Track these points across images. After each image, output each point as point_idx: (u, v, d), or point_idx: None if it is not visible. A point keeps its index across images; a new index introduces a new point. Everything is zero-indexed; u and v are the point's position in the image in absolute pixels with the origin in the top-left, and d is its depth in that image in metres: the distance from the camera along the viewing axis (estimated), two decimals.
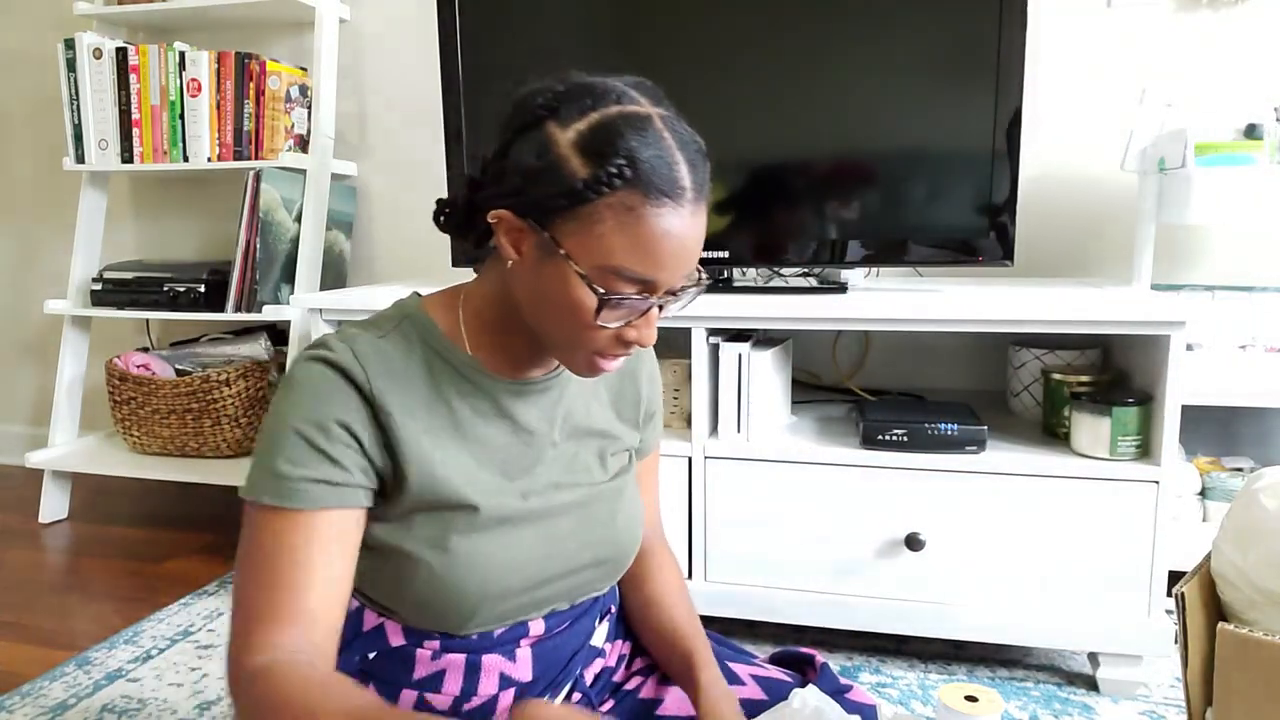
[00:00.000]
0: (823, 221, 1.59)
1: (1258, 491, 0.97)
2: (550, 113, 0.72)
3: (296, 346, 2.09)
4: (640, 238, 0.69)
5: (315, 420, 0.73)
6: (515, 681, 0.85)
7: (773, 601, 1.49)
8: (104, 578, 1.95)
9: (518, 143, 0.73)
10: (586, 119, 0.71)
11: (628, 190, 0.69)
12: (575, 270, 0.70)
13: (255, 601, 0.71)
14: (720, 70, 1.59)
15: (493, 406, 0.82)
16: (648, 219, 0.69)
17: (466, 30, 1.67)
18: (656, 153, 0.69)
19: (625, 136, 0.69)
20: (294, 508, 0.72)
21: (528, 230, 0.73)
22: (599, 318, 0.72)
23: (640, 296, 0.72)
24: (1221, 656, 0.91)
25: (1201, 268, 1.87)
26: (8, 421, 2.82)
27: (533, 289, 0.74)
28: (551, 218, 0.71)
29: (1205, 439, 1.84)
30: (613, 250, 0.69)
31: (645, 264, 0.70)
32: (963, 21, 1.49)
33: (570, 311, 0.72)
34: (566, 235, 0.71)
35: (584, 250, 0.70)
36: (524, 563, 0.82)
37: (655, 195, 0.69)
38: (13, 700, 1.44)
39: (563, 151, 0.70)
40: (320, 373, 0.75)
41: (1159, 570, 1.35)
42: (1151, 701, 1.39)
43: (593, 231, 0.69)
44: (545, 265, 0.72)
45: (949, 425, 1.41)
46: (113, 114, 2.18)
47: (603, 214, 0.69)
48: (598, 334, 0.74)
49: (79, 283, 2.30)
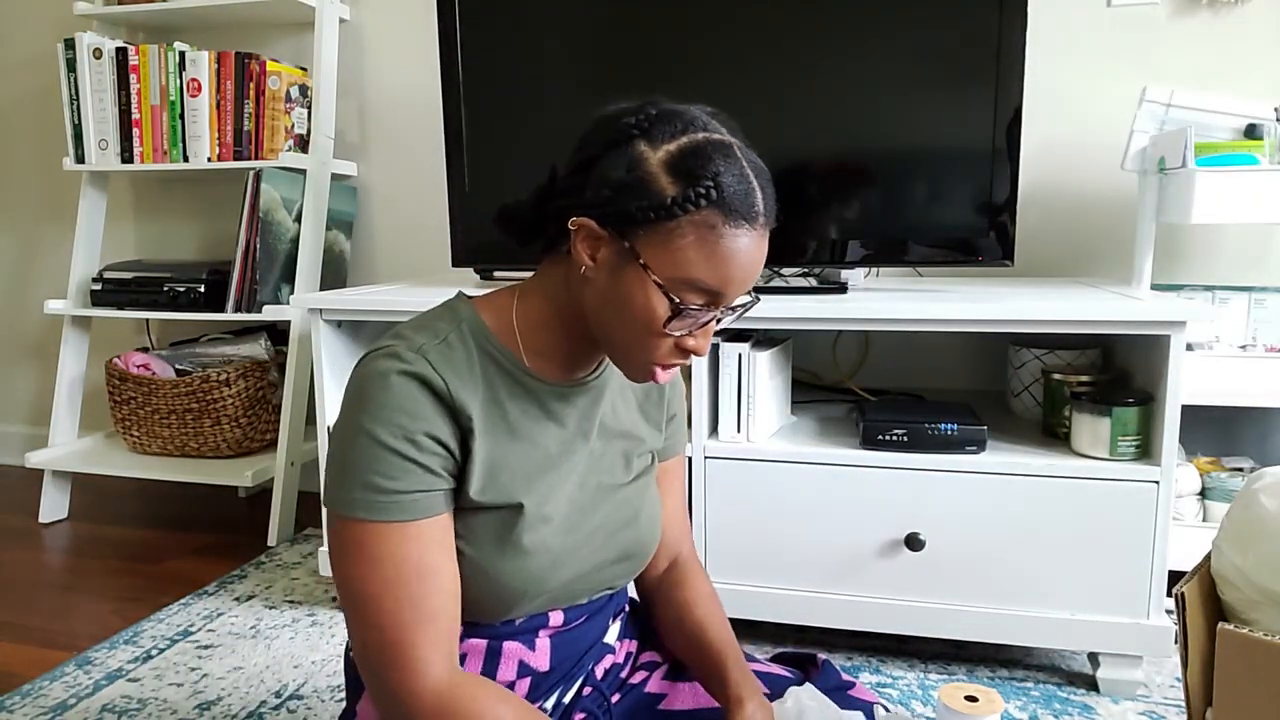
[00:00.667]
0: (823, 221, 1.59)
1: (1258, 491, 0.97)
2: (642, 133, 0.76)
3: (296, 346, 2.09)
4: (717, 254, 0.74)
5: (405, 434, 0.75)
6: (533, 670, 0.87)
7: (773, 601, 1.49)
8: (104, 578, 1.95)
9: (606, 158, 0.77)
10: (677, 141, 0.76)
11: (711, 210, 0.74)
12: (653, 279, 0.75)
13: (399, 622, 0.74)
14: (720, 70, 1.59)
15: (540, 409, 0.85)
16: (726, 238, 0.74)
17: (466, 30, 1.67)
18: (738, 178, 0.75)
19: (713, 160, 0.74)
20: (403, 520, 0.75)
21: (607, 239, 0.77)
22: (668, 326, 0.76)
23: (706, 309, 0.77)
24: (1221, 656, 0.90)
25: (1201, 268, 1.87)
26: (8, 421, 2.82)
27: (604, 295, 0.78)
28: (635, 229, 0.75)
29: (1205, 439, 1.84)
30: (691, 264, 0.74)
31: (717, 279, 0.75)
32: (963, 21, 1.49)
33: (641, 318, 0.76)
34: (646, 246, 0.75)
35: (662, 262, 0.75)
36: (562, 560, 0.84)
37: (735, 217, 0.74)
38: (13, 700, 1.44)
39: (653, 169, 0.75)
40: (401, 384, 0.76)
41: (1159, 570, 1.35)
42: (1151, 701, 1.39)
43: (672, 244, 0.74)
44: (621, 273, 0.77)
45: (949, 425, 1.41)
46: (113, 114, 2.18)
47: (685, 230, 0.74)
48: (662, 342, 0.78)
49: (79, 283, 2.30)
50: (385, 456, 0.75)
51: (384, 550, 0.75)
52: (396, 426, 0.75)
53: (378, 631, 0.75)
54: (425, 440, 0.76)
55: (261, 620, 1.71)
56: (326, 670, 1.52)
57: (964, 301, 1.40)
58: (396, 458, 0.75)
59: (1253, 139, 1.49)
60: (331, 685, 1.47)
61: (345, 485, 0.76)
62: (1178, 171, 1.45)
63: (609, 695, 0.95)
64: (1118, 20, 1.85)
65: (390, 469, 0.75)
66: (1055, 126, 1.89)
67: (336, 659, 1.56)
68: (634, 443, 0.94)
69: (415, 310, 1.56)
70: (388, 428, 0.75)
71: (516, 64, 1.69)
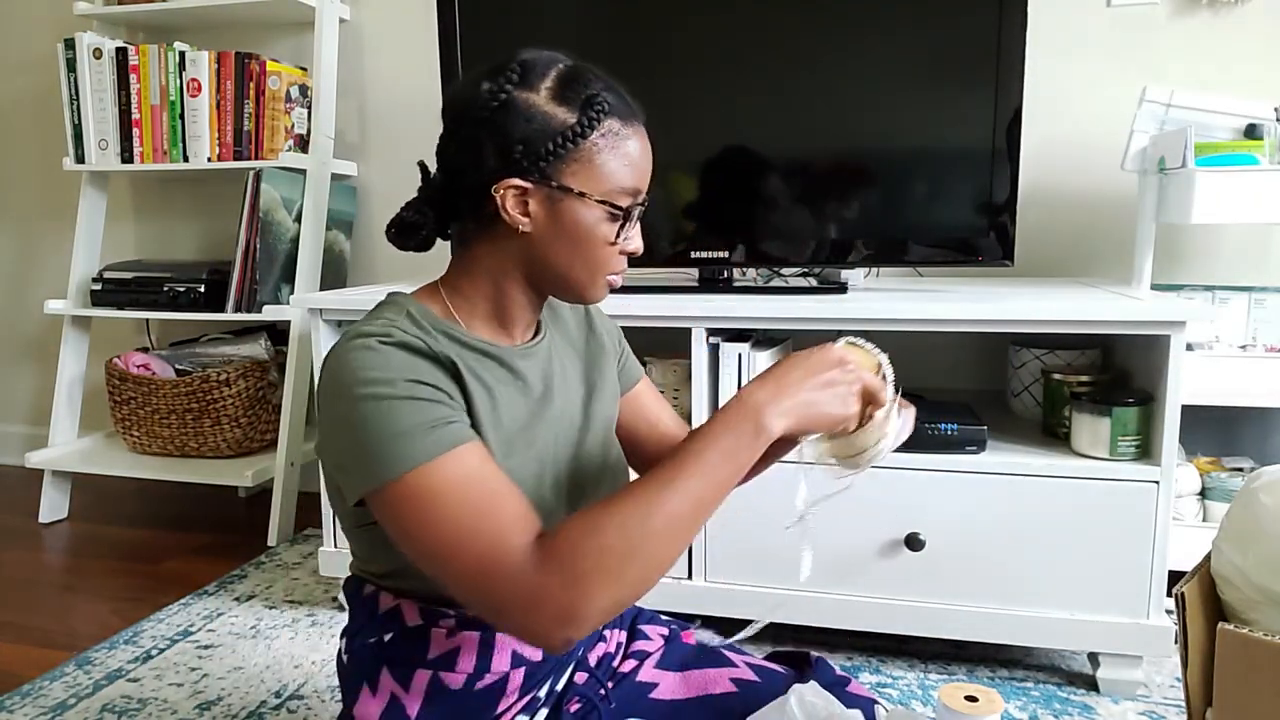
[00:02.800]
0: (823, 221, 1.59)
1: (1257, 491, 0.97)
2: (517, 85, 0.80)
3: (296, 346, 2.09)
4: (629, 156, 0.82)
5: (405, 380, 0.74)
6: (526, 660, 0.87)
7: (773, 601, 1.49)
8: (104, 578, 1.94)
9: (494, 121, 0.79)
10: (548, 78, 0.81)
11: (609, 119, 0.80)
12: (594, 200, 0.80)
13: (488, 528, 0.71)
14: (720, 70, 1.59)
15: (506, 370, 0.86)
16: (630, 139, 0.82)
17: (466, 30, 1.67)
18: (607, 86, 0.82)
19: (586, 80, 0.81)
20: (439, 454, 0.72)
21: (533, 190, 0.80)
22: (619, 235, 0.83)
23: (636, 206, 0.84)
24: (1221, 656, 0.90)
25: (1201, 268, 1.87)
26: (8, 421, 2.82)
27: (551, 238, 0.82)
28: (556, 166, 0.80)
29: (1205, 439, 1.84)
30: (615, 172, 0.81)
31: (636, 176, 0.83)
32: (963, 21, 1.49)
33: (593, 240, 0.82)
34: (573, 176, 0.80)
35: (593, 181, 0.80)
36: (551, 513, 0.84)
37: (626, 119, 0.82)
38: (13, 700, 1.44)
39: (547, 108, 0.80)
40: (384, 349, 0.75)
41: (1159, 570, 1.35)
42: (1151, 701, 1.39)
43: (594, 163, 0.80)
44: (560, 211, 0.81)
45: (949, 425, 1.41)
46: (113, 114, 2.18)
47: (598, 146, 0.80)
48: (612, 253, 0.84)
49: (79, 283, 2.30)
50: (395, 405, 0.73)
51: (436, 486, 0.71)
52: (392, 381, 0.74)
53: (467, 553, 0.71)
54: (426, 388, 0.75)
55: (261, 620, 1.71)
56: (326, 670, 1.52)
57: (964, 301, 1.40)
58: (406, 402, 0.73)
59: (1253, 139, 1.49)
60: (331, 685, 1.47)
61: (371, 456, 0.73)
62: (1178, 171, 1.45)
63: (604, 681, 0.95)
64: (1118, 20, 1.85)
65: (405, 413, 0.73)
66: (1055, 126, 1.89)
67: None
68: (593, 394, 0.96)
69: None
70: (386, 384, 0.73)
71: None
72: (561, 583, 0.69)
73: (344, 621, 1.69)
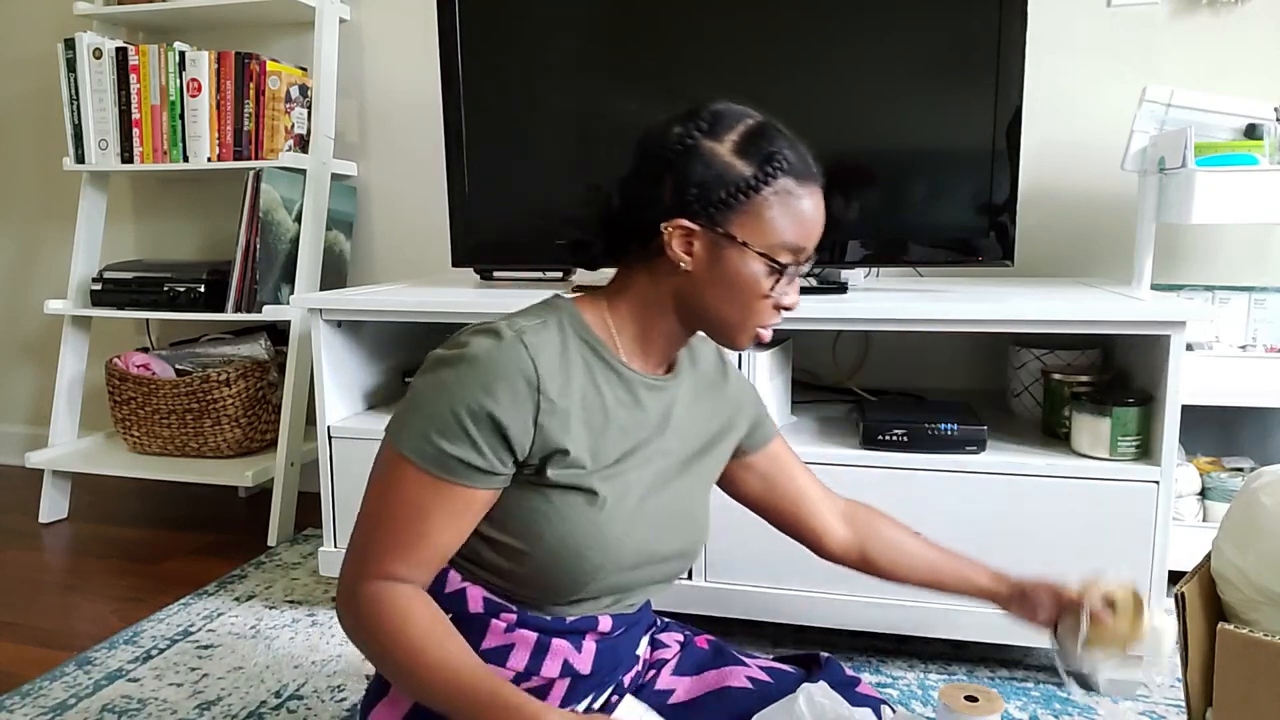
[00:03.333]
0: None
1: (1257, 491, 0.97)
2: (704, 133, 0.85)
3: (296, 346, 2.09)
4: (799, 215, 0.86)
5: (472, 409, 0.80)
6: (575, 670, 0.90)
7: (773, 601, 1.49)
8: (104, 578, 1.95)
9: (679, 163, 0.85)
10: (735, 131, 0.86)
11: (785, 178, 0.85)
12: (755, 251, 0.84)
13: (382, 536, 0.81)
14: (720, 70, 1.59)
15: (631, 396, 0.89)
16: (802, 198, 0.86)
17: (466, 30, 1.67)
18: (792, 146, 0.87)
19: (771, 138, 0.86)
20: (434, 474, 0.80)
21: (700, 233, 0.85)
22: (774, 290, 0.86)
23: (796, 264, 0.88)
24: (1221, 656, 0.91)
25: (1201, 268, 1.87)
26: (8, 421, 2.82)
27: (707, 281, 0.86)
28: (726, 214, 0.84)
29: (1205, 439, 1.84)
30: (781, 229, 0.85)
31: (803, 235, 0.87)
32: (963, 21, 1.49)
33: (749, 289, 0.86)
34: (740, 227, 0.84)
35: (757, 234, 0.85)
36: (633, 543, 0.88)
37: (803, 179, 0.86)
38: (13, 700, 1.44)
39: (728, 159, 0.84)
40: (490, 361, 0.80)
41: (1159, 570, 1.35)
42: (1151, 701, 1.39)
43: (763, 217, 0.84)
44: (721, 257, 0.85)
45: (949, 425, 1.41)
46: (113, 114, 2.18)
47: (769, 201, 0.84)
48: (765, 305, 0.87)
49: (79, 283, 2.30)
50: (449, 421, 0.79)
51: (410, 492, 0.80)
52: (470, 399, 0.79)
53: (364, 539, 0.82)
54: (487, 422, 0.80)
55: (261, 620, 1.71)
56: (326, 670, 1.52)
57: (964, 301, 1.40)
58: (457, 426, 0.79)
59: (1253, 139, 1.49)
60: (331, 685, 1.47)
61: (409, 424, 0.81)
62: (1178, 171, 1.45)
63: None
64: (1118, 20, 1.85)
65: (449, 431, 0.79)
66: (1055, 126, 1.89)
67: (336, 659, 1.56)
68: (706, 444, 0.98)
69: (415, 310, 1.57)
70: (462, 396, 0.79)
71: (516, 64, 1.69)
72: (348, 623, 0.82)
73: None
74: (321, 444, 1.65)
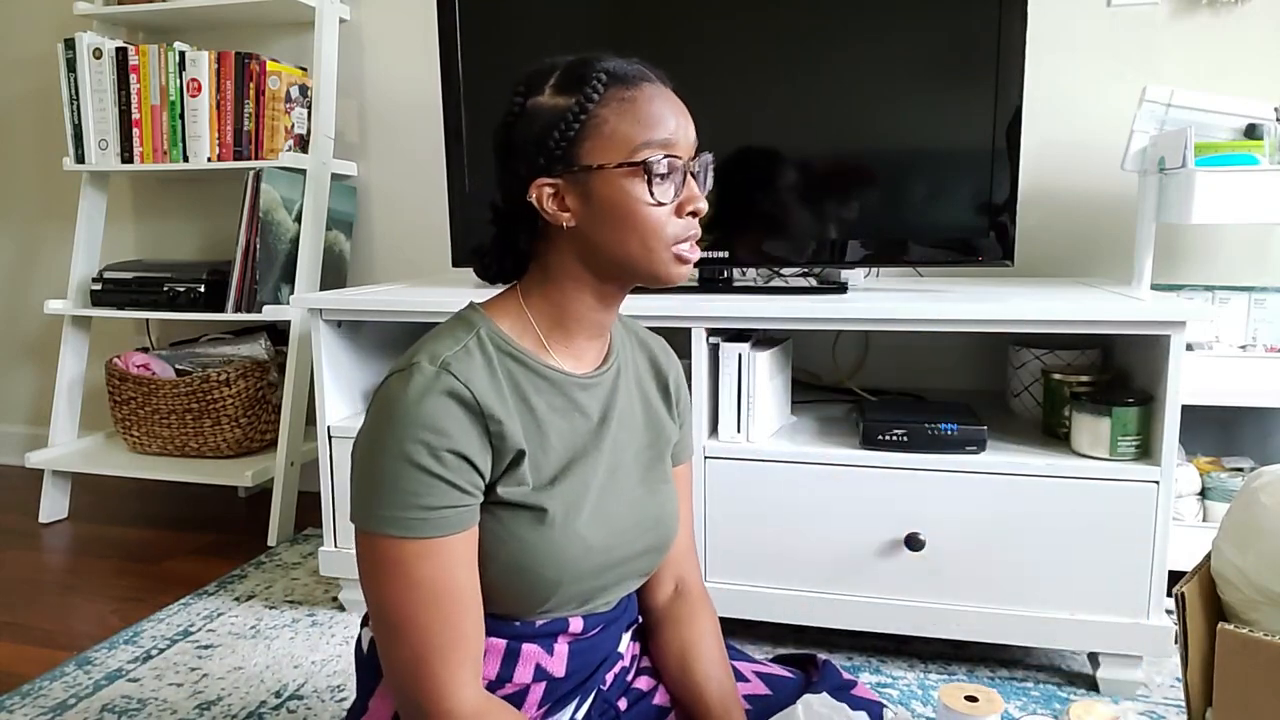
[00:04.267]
0: (823, 221, 1.59)
1: (1257, 490, 0.97)
2: (525, 95, 0.83)
3: (296, 346, 2.09)
4: (640, 112, 0.80)
5: (431, 451, 0.76)
6: (549, 675, 0.88)
7: (773, 601, 1.49)
8: (104, 578, 1.95)
9: (512, 133, 0.83)
10: (551, 77, 0.83)
11: (612, 89, 0.80)
12: (614, 167, 0.80)
13: (431, 642, 0.76)
14: (720, 70, 1.59)
15: (565, 400, 0.87)
16: (639, 99, 0.80)
17: (466, 30, 1.67)
18: (614, 61, 0.82)
19: (585, 64, 0.82)
20: (433, 537, 0.76)
21: (562, 184, 0.81)
22: (655, 193, 0.80)
23: (671, 158, 0.81)
24: (1221, 656, 0.90)
25: (1201, 268, 1.87)
26: (8, 421, 2.82)
27: (597, 223, 0.82)
28: (573, 152, 0.80)
29: (1205, 439, 1.84)
30: (628, 133, 0.80)
31: (656, 128, 0.80)
32: (962, 21, 1.49)
33: (631, 210, 0.80)
34: (589, 155, 0.80)
35: (609, 151, 0.80)
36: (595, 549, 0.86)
37: (630, 82, 0.81)
38: (13, 700, 1.44)
39: (549, 104, 0.81)
40: (426, 400, 0.77)
41: (1159, 570, 1.35)
42: (1151, 701, 1.39)
43: (604, 134, 0.80)
44: (593, 193, 0.81)
45: (949, 425, 1.41)
46: (113, 114, 2.18)
47: (604, 116, 0.80)
48: (663, 219, 0.81)
49: (79, 283, 2.30)
50: (414, 474, 0.76)
51: (418, 570, 0.76)
52: (423, 444, 0.76)
53: (410, 649, 0.77)
54: (451, 458, 0.77)
55: (261, 620, 1.71)
56: (326, 670, 1.52)
57: (964, 301, 1.40)
58: (425, 475, 0.76)
59: (1253, 139, 1.49)
60: (331, 685, 1.47)
61: (375, 503, 0.77)
62: (1178, 171, 1.45)
63: (615, 702, 0.96)
64: (1118, 20, 1.85)
65: (420, 487, 0.76)
66: (1055, 126, 1.89)
67: (336, 659, 1.56)
68: (654, 434, 0.95)
69: (415, 310, 1.57)
70: (415, 446, 0.76)
71: (516, 64, 1.69)
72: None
73: (346, 621, 1.69)
74: (321, 444, 1.65)
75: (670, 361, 1.01)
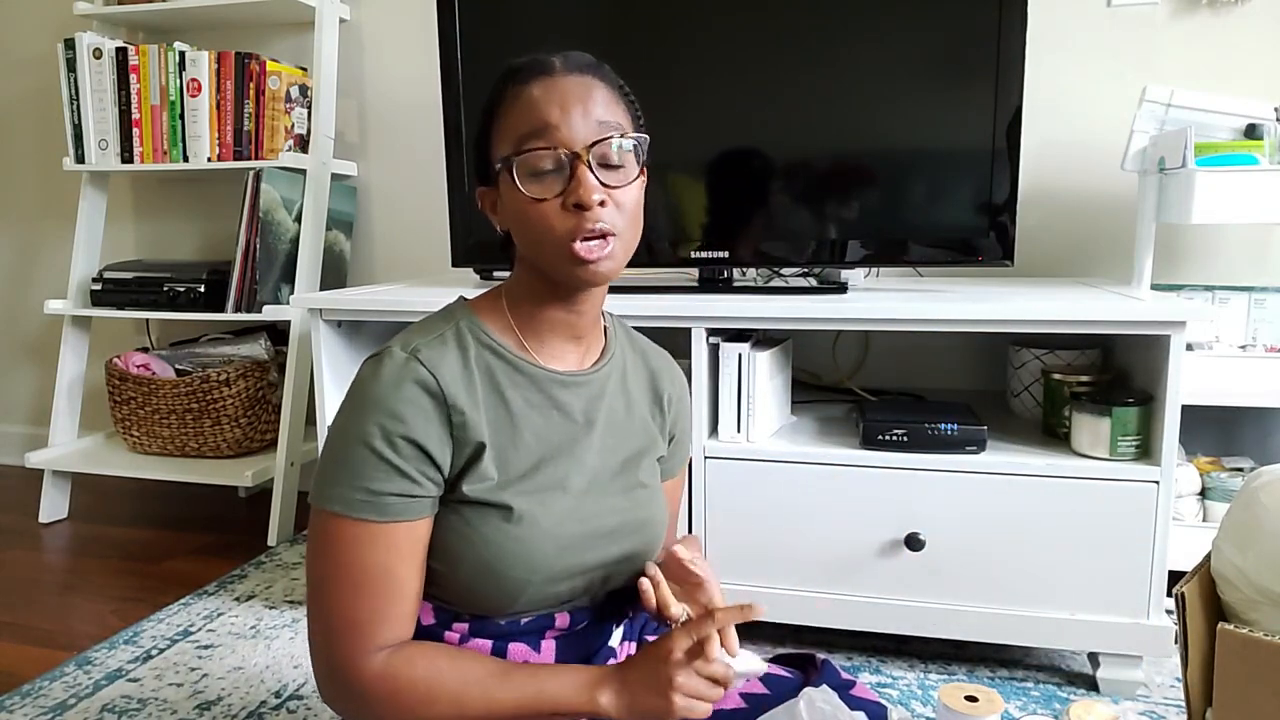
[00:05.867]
0: (823, 221, 1.59)
1: (1257, 490, 0.97)
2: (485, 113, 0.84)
3: (296, 346, 2.09)
4: (519, 107, 0.79)
5: (386, 437, 0.77)
6: None
7: (773, 601, 1.49)
8: (104, 578, 1.95)
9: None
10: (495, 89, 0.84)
11: (509, 86, 0.81)
12: (499, 166, 0.81)
13: (353, 608, 0.78)
14: (720, 70, 1.59)
15: (544, 396, 0.86)
16: (522, 93, 0.80)
17: (466, 30, 1.67)
18: (529, 57, 0.82)
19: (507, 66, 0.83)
20: (373, 520, 0.77)
21: (489, 189, 0.84)
22: (524, 187, 0.78)
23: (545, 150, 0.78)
24: (1221, 656, 0.90)
25: (1201, 268, 1.87)
26: (8, 421, 2.82)
27: (510, 226, 0.84)
28: (486, 157, 0.83)
29: (1205, 439, 1.84)
30: (511, 130, 0.80)
31: (530, 120, 0.78)
32: (962, 21, 1.49)
33: (519, 207, 0.80)
34: (495, 157, 0.82)
35: (500, 148, 0.81)
36: (567, 550, 0.85)
37: (522, 77, 0.80)
38: (13, 700, 1.44)
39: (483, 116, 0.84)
40: (392, 386, 0.78)
41: (1159, 570, 1.35)
42: (1151, 701, 1.39)
43: (500, 132, 0.81)
44: (501, 195, 0.83)
45: (949, 425, 1.41)
46: (113, 114, 2.18)
47: (500, 115, 0.81)
48: (548, 215, 0.78)
49: (79, 283, 2.30)
50: (366, 457, 0.77)
51: (352, 552, 0.78)
52: (379, 429, 0.77)
53: (333, 620, 0.79)
54: (405, 445, 0.77)
55: (261, 620, 1.71)
56: None
57: (964, 301, 1.40)
58: (376, 458, 0.77)
59: (1253, 139, 1.49)
60: None
61: (327, 480, 0.78)
62: (1178, 171, 1.45)
63: None
64: (1118, 20, 1.85)
65: (369, 469, 0.77)
66: (1055, 126, 1.89)
67: None
68: (644, 442, 0.94)
69: (415, 310, 1.56)
70: (372, 429, 0.77)
71: None
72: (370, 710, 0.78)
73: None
74: (321, 444, 1.65)
75: (673, 381, 1.01)
